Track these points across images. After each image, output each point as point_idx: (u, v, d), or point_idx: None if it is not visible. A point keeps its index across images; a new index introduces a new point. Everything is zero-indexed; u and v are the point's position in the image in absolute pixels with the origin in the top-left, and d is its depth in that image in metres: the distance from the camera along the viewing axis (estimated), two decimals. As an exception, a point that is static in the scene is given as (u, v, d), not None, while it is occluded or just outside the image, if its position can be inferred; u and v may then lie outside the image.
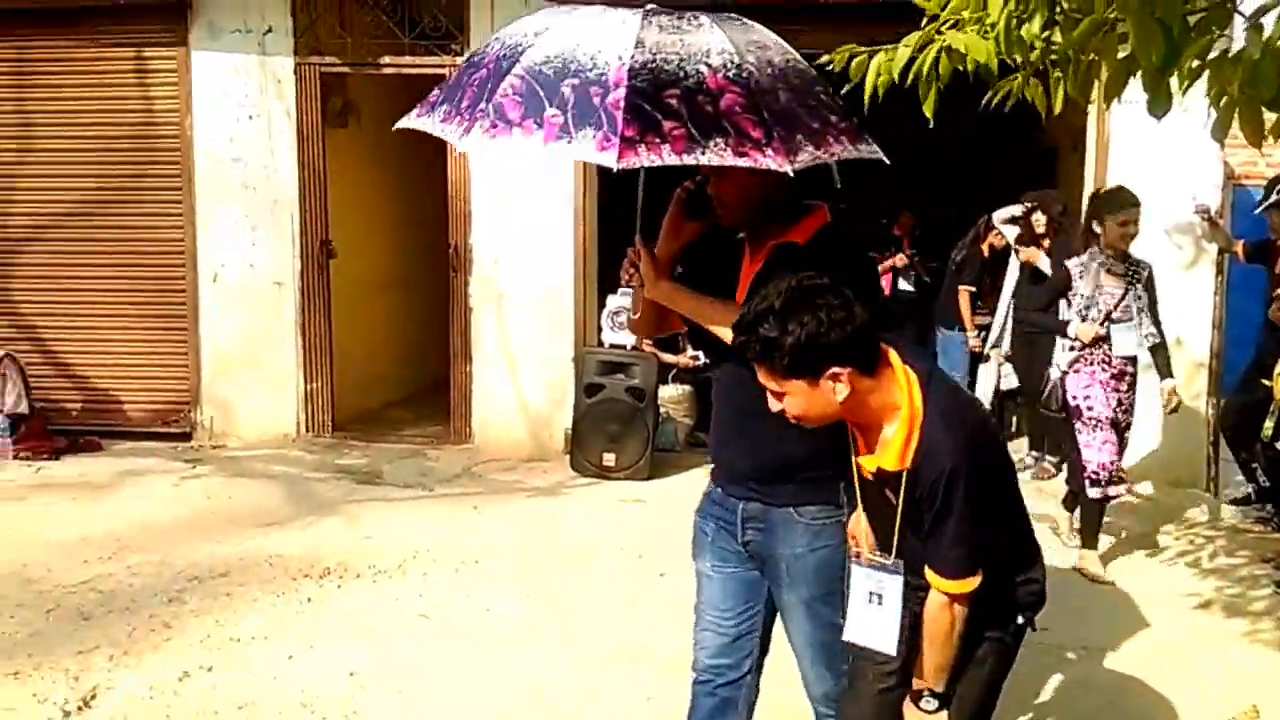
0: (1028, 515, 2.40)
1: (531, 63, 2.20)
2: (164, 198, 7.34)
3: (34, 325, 7.53)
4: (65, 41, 7.29)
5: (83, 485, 6.27)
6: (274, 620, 4.34)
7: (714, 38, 2.21)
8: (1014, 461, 2.42)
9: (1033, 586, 2.36)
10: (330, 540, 5.33)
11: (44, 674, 3.80)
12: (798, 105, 2.24)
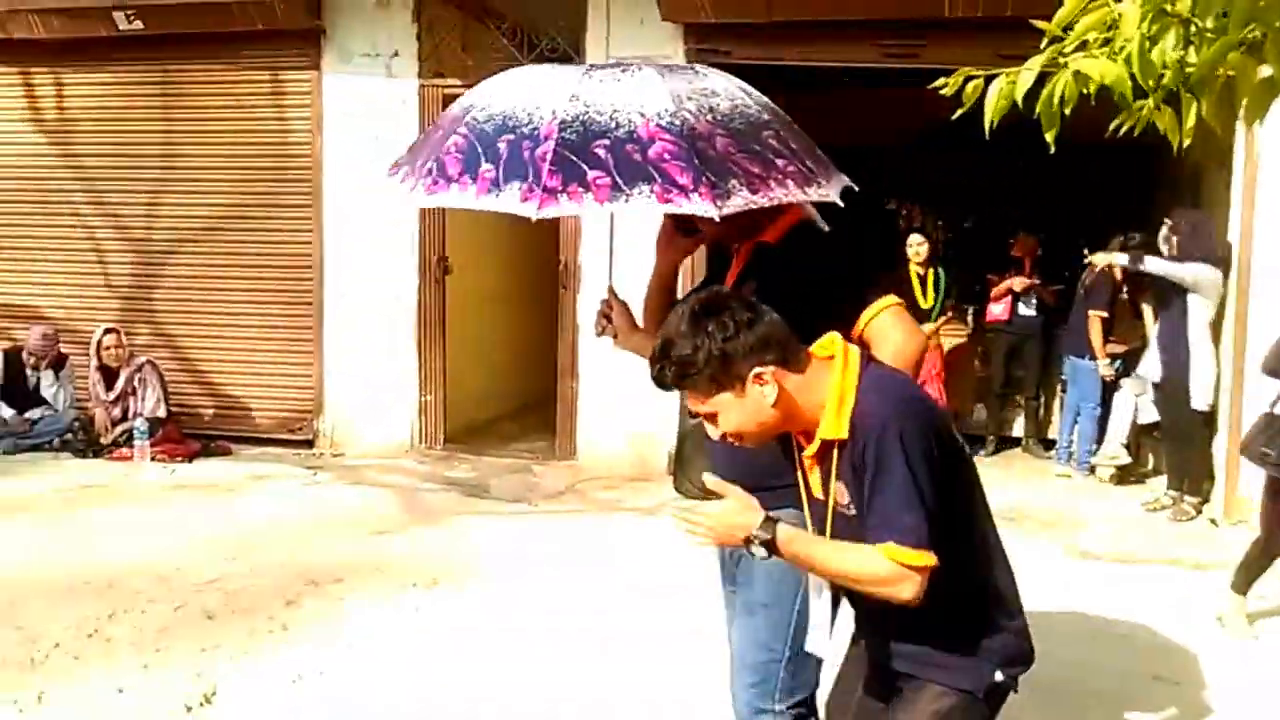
0: (1003, 553, 2.13)
1: (475, 120, 2.33)
2: (295, 214, 7.59)
3: (173, 334, 7.86)
4: (208, 65, 7.62)
5: (213, 487, 6.51)
6: (385, 626, 4.41)
7: (653, 88, 2.24)
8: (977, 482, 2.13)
9: (1007, 636, 2.08)
10: (439, 550, 5.40)
11: (170, 669, 3.93)
12: (737, 151, 2.23)
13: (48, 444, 7.29)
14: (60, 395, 7.48)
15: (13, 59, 7.93)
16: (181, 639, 4.20)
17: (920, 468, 1.94)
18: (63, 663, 3.97)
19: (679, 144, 2.15)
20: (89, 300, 7.98)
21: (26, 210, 8.09)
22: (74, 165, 7.99)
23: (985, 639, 2.06)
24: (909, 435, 1.94)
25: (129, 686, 3.78)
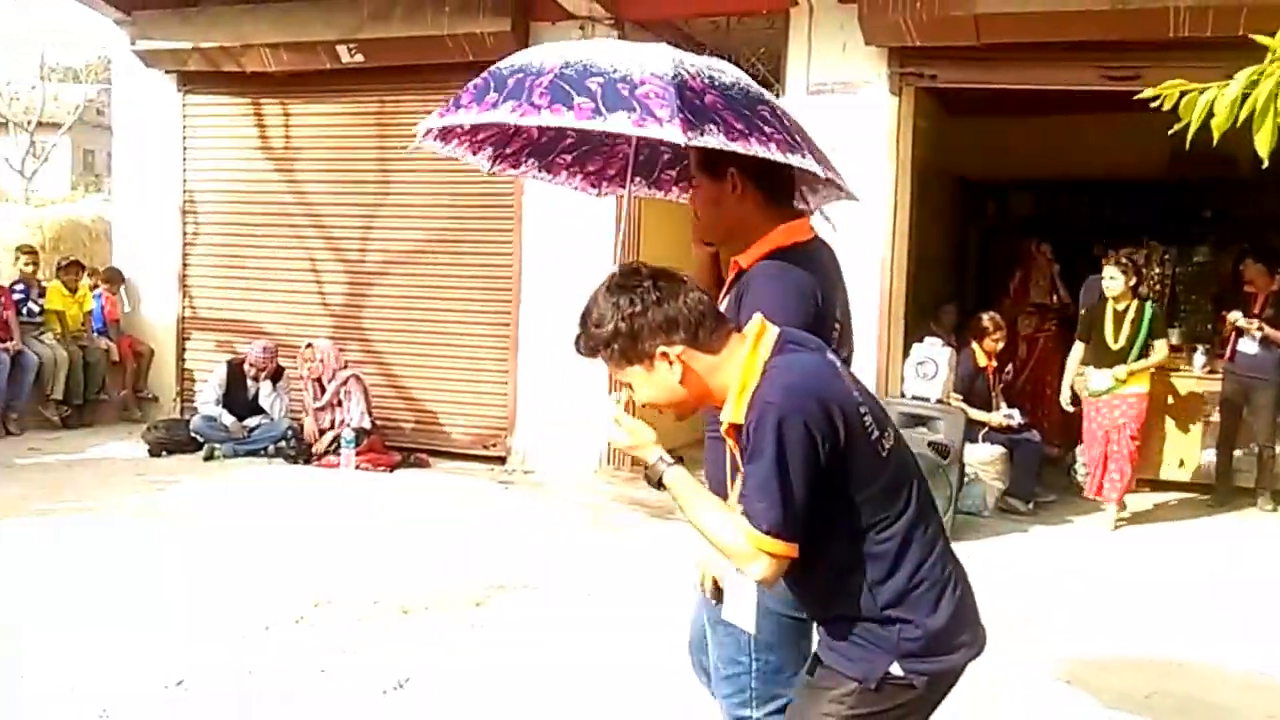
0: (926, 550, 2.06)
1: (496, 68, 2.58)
2: (497, 238, 7.99)
3: (379, 350, 8.38)
4: (420, 94, 8.10)
5: (412, 496, 6.88)
6: (567, 630, 4.56)
7: (660, 53, 2.42)
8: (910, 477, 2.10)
9: (911, 632, 2.03)
10: (620, 564, 5.55)
11: (366, 655, 4.19)
12: (724, 108, 2.34)
13: (263, 450, 7.89)
14: (276, 405, 8.08)
15: (246, 90, 8.68)
16: (378, 629, 4.48)
17: (793, 458, 1.93)
18: (272, 643, 4.29)
19: (666, 88, 2.28)
20: (305, 316, 8.60)
21: (253, 232, 8.80)
22: (297, 190, 8.65)
23: (884, 631, 2.05)
24: (787, 423, 1.93)
25: (330, 668, 4.06)
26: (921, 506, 2.09)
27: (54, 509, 6.28)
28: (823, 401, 1.97)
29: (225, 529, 5.99)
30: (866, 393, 2.10)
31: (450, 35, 7.59)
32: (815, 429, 1.94)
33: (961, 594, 2.11)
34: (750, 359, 2.04)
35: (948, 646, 2.07)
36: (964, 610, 2.11)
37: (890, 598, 2.04)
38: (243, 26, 8.22)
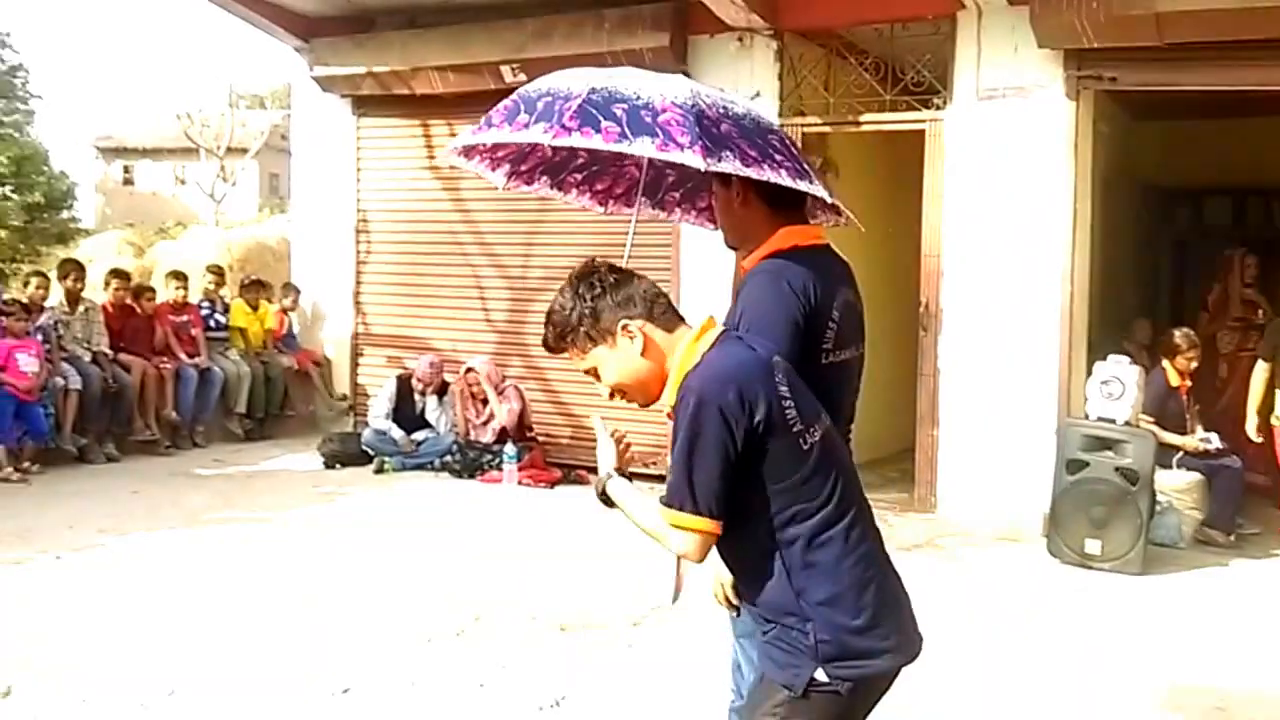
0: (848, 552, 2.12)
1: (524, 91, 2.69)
2: (655, 254, 8.03)
3: (540, 365, 8.55)
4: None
5: (572, 513, 6.99)
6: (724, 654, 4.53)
7: (678, 83, 2.59)
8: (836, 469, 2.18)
9: (833, 634, 2.09)
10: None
11: (525, 672, 4.27)
12: (739, 137, 2.50)
13: (430, 464, 8.17)
14: (442, 420, 8.35)
15: (415, 112, 9.03)
16: (537, 646, 4.56)
17: (706, 440, 2.08)
18: (433, 655, 4.42)
19: (686, 116, 2.45)
20: (470, 332, 8.86)
21: (421, 250, 9.14)
22: (462, 209, 8.94)
23: (804, 637, 2.10)
24: (704, 408, 2.09)
25: (489, 682, 4.16)
26: (845, 505, 2.17)
27: (232, 518, 6.65)
28: (741, 390, 2.10)
29: (391, 541, 6.21)
30: (801, 392, 2.20)
31: (610, 52, 7.69)
32: (730, 414, 2.08)
33: (885, 598, 2.16)
34: (691, 348, 2.23)
35: (868, 650, 2.11)
36: (887, 613, 2.15)
37: (803, 586, 2.11)
38: (412, 50, 8.55)
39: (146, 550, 5.87)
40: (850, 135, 7.67)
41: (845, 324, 2.62)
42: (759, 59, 7.58)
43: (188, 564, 5.62)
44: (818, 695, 2.09)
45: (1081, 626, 5.16)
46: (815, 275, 2.56)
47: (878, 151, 8.20)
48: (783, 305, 2.49)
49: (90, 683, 4.01)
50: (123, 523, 6.44)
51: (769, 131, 2.61)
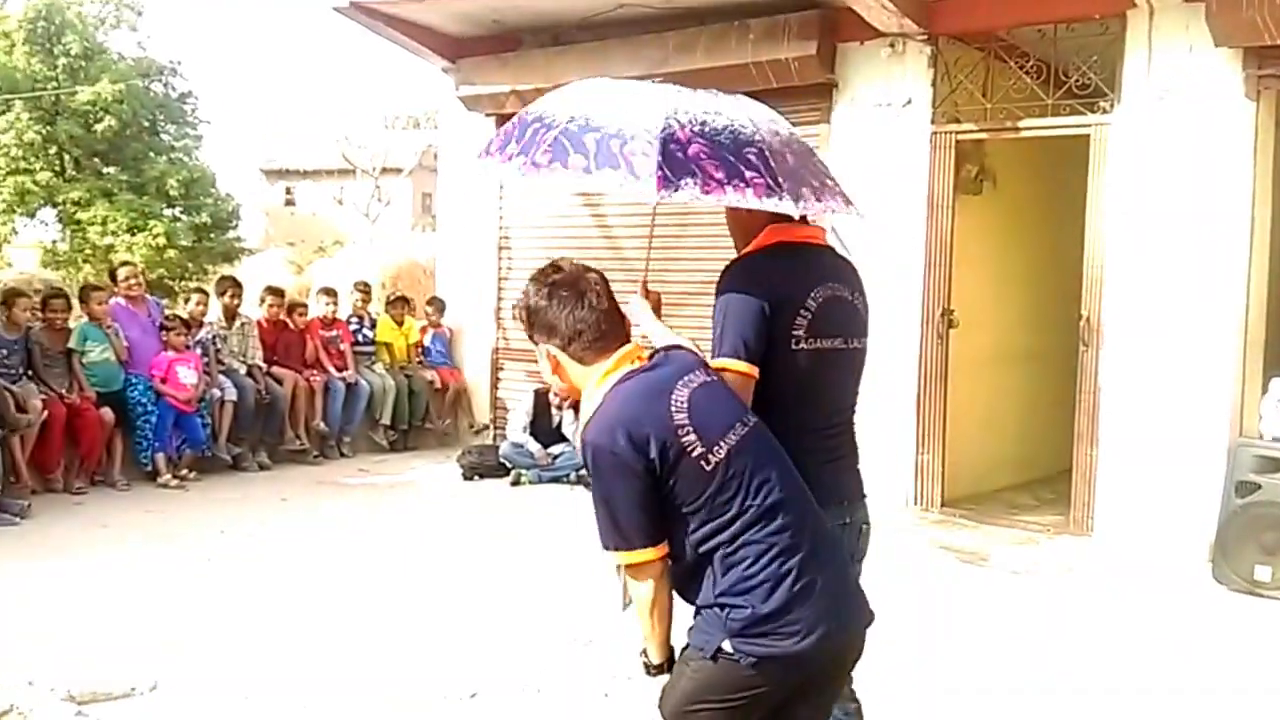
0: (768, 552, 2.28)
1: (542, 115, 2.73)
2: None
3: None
4: (724, 124, 8.24)
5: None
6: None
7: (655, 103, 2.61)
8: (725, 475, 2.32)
9: (744, 614, 2.28)
10: (930, 614, 5.29)
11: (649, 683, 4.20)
12: (707, 158, 2.54)
13: (565, 477, 8.24)
14: (577, 434, 8.39)
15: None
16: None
17: (609, 482, 2.33)
18: (561, 663, 4.42)
19: (652, 143, 2.51)
20: (609, 347, 8.89)
21: (562, 264, 9.23)
22: (600, 225, 9.00)
23: (720, 612, 2.31)
24: (599, 455, 2.32)
25: (613, 693, 4.12)
26: (764, 507, 2.32)
27: (374, 526, 6.83)
28: (629, 432, 2.29)
29: (525, 550, 6.26)
30: (705, 409, 2.35)
31: (754, 62, 7.66)
32: (623, 457, 2.29)
33: (803, 589, 2.29)
34: (600, 381, 2.42)
35: (773, 632, 2.28)
36: (802, 603, 2.28)
37: (725, 588, 2.31)
38: (554, 67, 8.67)
39: (292, 555, 6.07)
40: (1009, 142, 7.41)
41: (823, 315, 2.71)
42: (911, 65, 7.41)
43: (330, 569, 5.78)
44: (724, 662, 2.32)
45: (1248, 657, 4.85)
46: (790, 269, 2.73)
47: (1038, 158, 7.92)
48: (751, 296, 2.65)
49: (232, 680, 4.14)
50: (271, 528, 6.69)
51: (747, 145, 2.62)
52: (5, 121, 28.81)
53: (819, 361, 2.72)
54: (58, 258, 29.38)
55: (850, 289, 2.83)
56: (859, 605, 2.46)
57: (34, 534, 6.35)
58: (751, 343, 2.61)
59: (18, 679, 3.97)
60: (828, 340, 2.73)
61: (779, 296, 2.66)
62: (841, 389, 2.86)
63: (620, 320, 2.52)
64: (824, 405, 2.79)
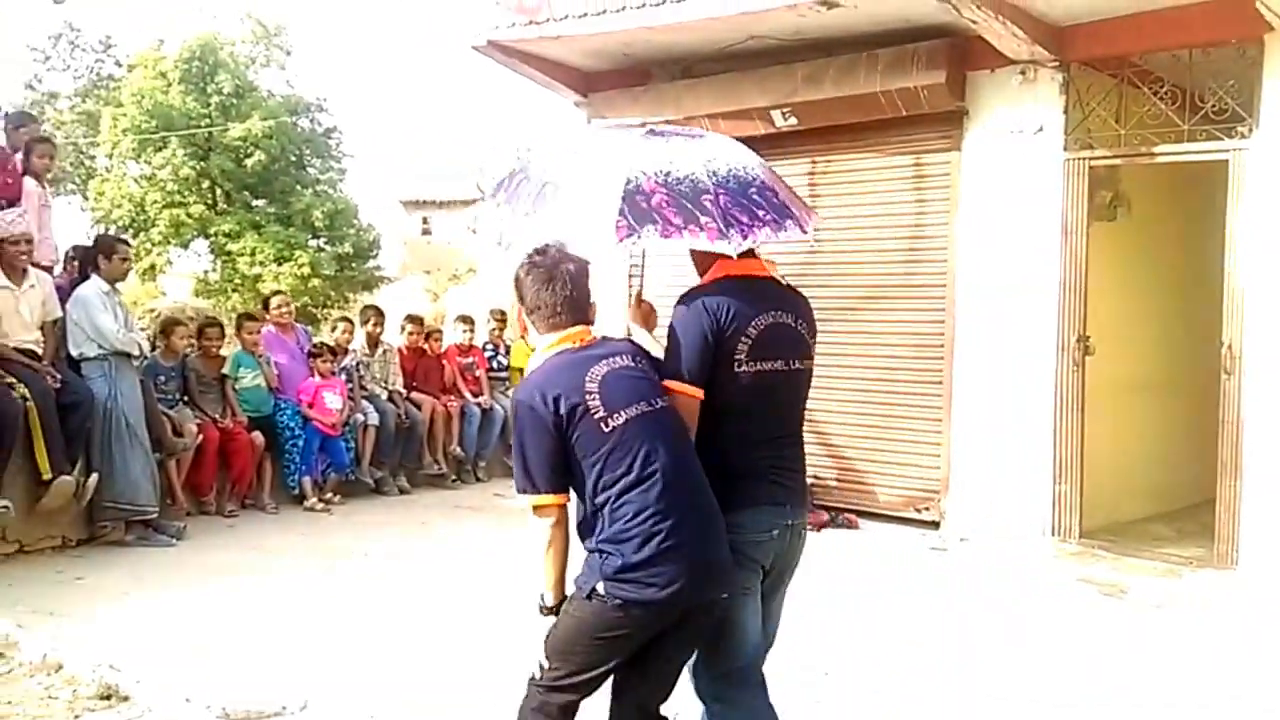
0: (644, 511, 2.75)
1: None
2: (927, 294, 7.95)
3: (808, 408, 8.55)
4: (852, 153, 8.33)
5: (837, 557, 6.99)
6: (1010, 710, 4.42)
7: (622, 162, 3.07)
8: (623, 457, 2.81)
9: (618, 562, 2.77)
10: (1065, 646, 5.28)
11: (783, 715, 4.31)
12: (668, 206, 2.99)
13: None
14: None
15: (689, 160, 9.32)
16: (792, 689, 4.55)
17: (524, 433, 2.88)
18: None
19: (616, 198, 2.97)
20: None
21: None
22: (733, 252, 9.12)
23: (599, 557, 2.82)
24: (520, 408, 2.91)
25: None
26: (647, 473, 2.79)
27: (507, 549, 7.02)
28: (543, 391, 2.85)
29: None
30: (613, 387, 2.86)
31: (883, 92, 7.71)
32: (537, 410, 2.84)
33: (671, 547, 2.75)
34: (543, 351, 3.00)
35: (639, 580, 2.76)
36: (668, 559, 2.75)
37: (606, 536, 2.81)
38: (684, 100, 8.87)
39: (431, 577, 6.34)
40: (1144, 168, 7.33)
41: (764, 341, 3.05)
42: (1043, 92, 7.38)
43: (467, 590, 6.01)
44: (596, 601, 2.81)
45: None
46: (733, 301, 3.06)
47: (1174, 183, 7.79)
48: (695, 325, 3.03)
49: (377, 698, 4.34)
50: (411, 551, 6.99)
51: (704, 193, 3.04)
52: (162, 158, 30.35)
53: (761, 381, 3.05)
54: (209, 287, 30.88)
55: (793, 316, 3.16)
56: (717, 574, 2.85)
57: (189, 555, 6.71)
58: (694, 369, 3.00)
59: (175, 696, 4.19)
60: (768, 363, 3.06)
61: (720, 325, 3.01)
62: (785, 406, 3.18)
63: (583, 307, 3.05)
64: (768, 420, 3.11)
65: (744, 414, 3.04)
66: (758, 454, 3.06)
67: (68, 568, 6.26)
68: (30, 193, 7.17)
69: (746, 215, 3.06)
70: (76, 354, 6.79)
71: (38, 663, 4.52)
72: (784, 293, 3.19)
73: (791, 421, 3.20)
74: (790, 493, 3.12)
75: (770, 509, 3.04)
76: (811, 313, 3.27)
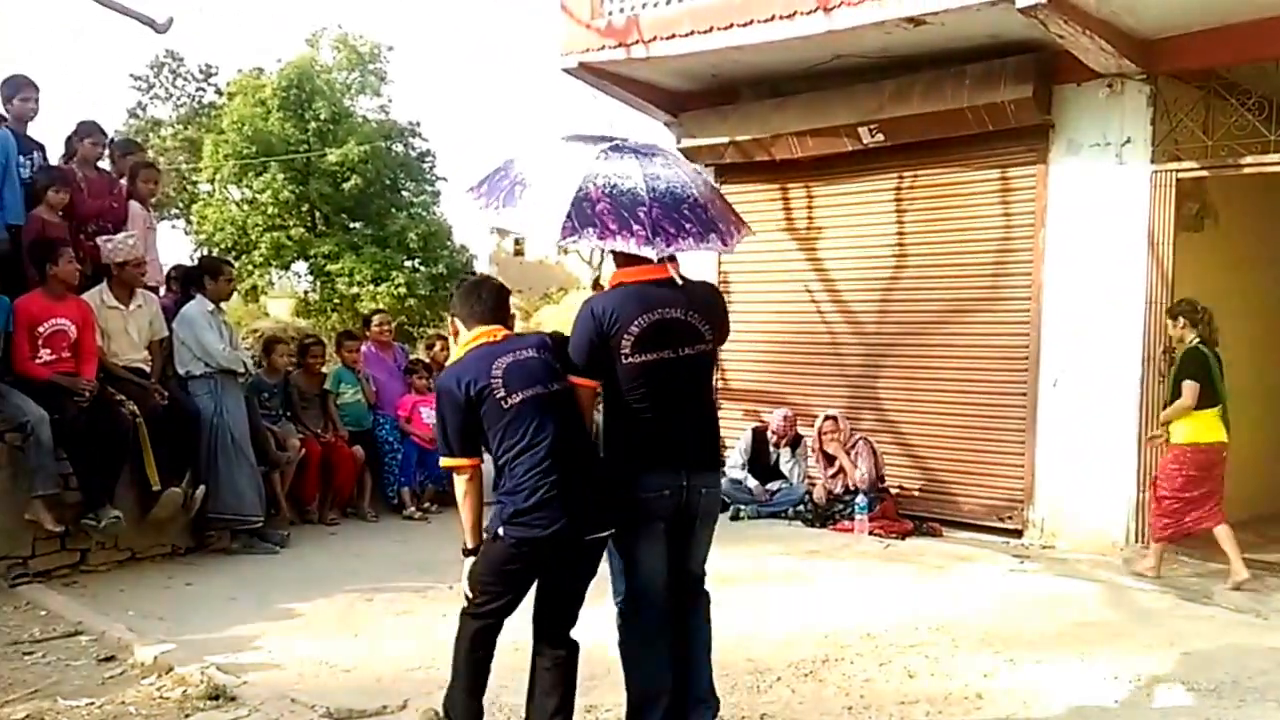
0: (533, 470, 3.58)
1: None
2: (1012, 305, 7.98)
3: (893, 418, 8.67)
4: (938, 168, 8.41)
5: (922, 564, 7.07)
6: (1083, 707, 4.47)
7: (579, 171, 3.70)
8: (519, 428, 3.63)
9: (508, 509, 3.62)
10: (1147, 649, 5.28)
11: (871, 714, 4.43)
12: (608, 212, 3.62)
13: (783, 513, 8.50)
14: (795, 470, 8.67)
15: (775, 177, 9.48)
16: (883, 691, 4.68)
17: (443, 411, 3.73)
18: (782, 695, 4.65)
19: (566, 200, 3.62)
20: (824, 386, 9.12)
21: (779, 307, 9.52)
22: (818, 267, 9.26)
23: (500, 506, 3.66)
24: (440, 392, 3.76)
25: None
26: (537, 441, 3.61)
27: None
28: (459, 378, 3.69)
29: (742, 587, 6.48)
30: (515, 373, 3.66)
31: (970, 107, 7.77)
32: (454, 392, 3.67)
33: (552, 498, 3.58)
34: (462, 346, 3.83)
35: (528, 523, 3.59)
36: (549, 506, 3.57)
37: (506, 488, 3.64)
38: (772, 119, 9.03)
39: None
40: (1230, 179, 7.29)
41: (647, 335, 3.68)
42: (1130, 104, 7.39)
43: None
44: (499, 541, 3.66)
45: None
46: (620, 303, 3.71)
47: (1262, 194, 7.72)
48: (583, 328, 3.73)
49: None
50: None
51: (639, 205, 3.63)
52: (262, 182, 31.33)
53: (648, 369, 3.69)
54: (309, 307, 31.73)
55: (684, 310, 3.76)
56: (588, 519, 3.64)
57: (294, 562, 6.99)
58: (583, 363, 3.71)
59: (280, 697, 4.39)
60: (653, 353, 3.69)
61: (604, 328, 3.68)
62: (677, 387, 3.78)
63: (501, 314, 3.89)
64: (662, 399, 3.73)
65: (639, 396, 3.70)
66: (653, 428, 3.72)
67: (177, 574, 6.56)
68: (136, 216, 7.49)
69: (674, 227, 3.67)
70: (183, 372, 7.09)
71: (149, 665, 4.78)
72: (677, 292, 3.77)
73: (688, 398, 3.83)
74: (683, 459, 3.76)
75: (663, 473, 3.73)
76: (714, 305, 3.94)
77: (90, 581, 6.28)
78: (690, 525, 3.83)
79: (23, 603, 5.75)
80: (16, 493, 6.11)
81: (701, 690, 3.93)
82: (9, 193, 6.71)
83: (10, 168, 6.74)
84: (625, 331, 3.65)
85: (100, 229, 7.15)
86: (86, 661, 4.88)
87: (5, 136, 6.79)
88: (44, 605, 5.70)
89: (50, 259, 6.42)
